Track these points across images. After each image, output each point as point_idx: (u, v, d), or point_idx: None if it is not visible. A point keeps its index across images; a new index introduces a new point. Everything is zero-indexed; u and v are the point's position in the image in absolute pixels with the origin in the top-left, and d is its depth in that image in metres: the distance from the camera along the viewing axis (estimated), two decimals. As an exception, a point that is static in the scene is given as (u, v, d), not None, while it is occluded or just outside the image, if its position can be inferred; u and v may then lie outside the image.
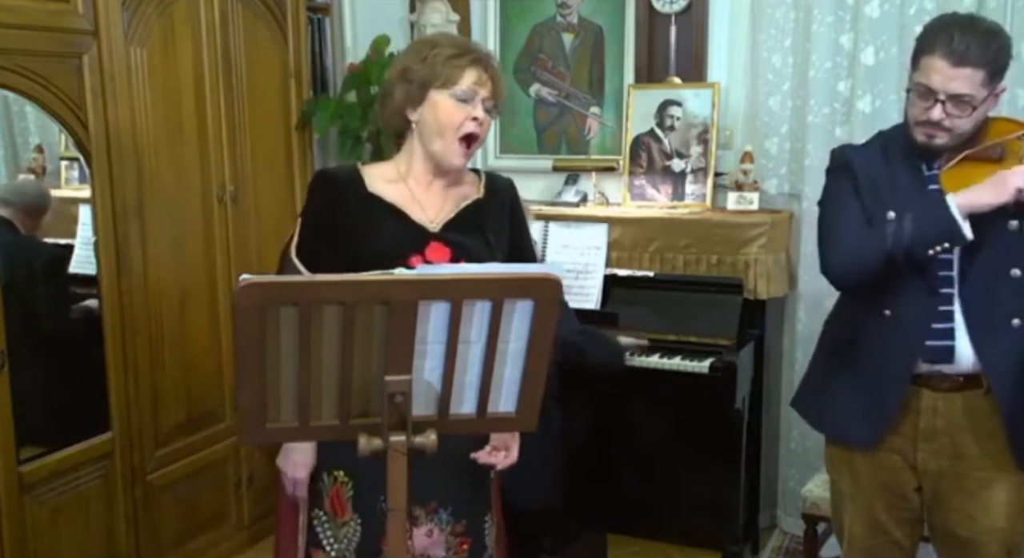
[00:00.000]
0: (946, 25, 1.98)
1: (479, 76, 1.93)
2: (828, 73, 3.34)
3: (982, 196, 1.93)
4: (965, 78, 1.93)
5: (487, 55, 1.98)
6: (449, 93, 1.92)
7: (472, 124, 1.92)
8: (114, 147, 2.82)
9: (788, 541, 3.57)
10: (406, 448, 1.43)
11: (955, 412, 2.07)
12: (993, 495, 2.09)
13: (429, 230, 1.96)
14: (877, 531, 2.21)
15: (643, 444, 3.53)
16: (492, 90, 1.95)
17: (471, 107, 1.92)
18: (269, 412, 1.41)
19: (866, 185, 2.09)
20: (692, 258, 3.37)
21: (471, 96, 1.92)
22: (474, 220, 2.01)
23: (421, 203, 1.99)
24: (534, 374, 1.47)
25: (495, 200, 2.06)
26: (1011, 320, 2.02)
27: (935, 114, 1.97)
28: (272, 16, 3.41)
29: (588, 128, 3.84)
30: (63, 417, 2.85)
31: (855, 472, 2.21)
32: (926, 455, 2.11)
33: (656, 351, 3.25)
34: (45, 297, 2.87)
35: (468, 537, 2.01)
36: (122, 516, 2.94)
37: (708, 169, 3.52)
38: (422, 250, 1.93)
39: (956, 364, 2.04)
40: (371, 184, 1.99)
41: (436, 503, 1.97)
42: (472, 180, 2.08)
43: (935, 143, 2.01)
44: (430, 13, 4.01)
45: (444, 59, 1.93)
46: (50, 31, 2.62)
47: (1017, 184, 1.89)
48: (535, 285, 1.41)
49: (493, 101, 1.96)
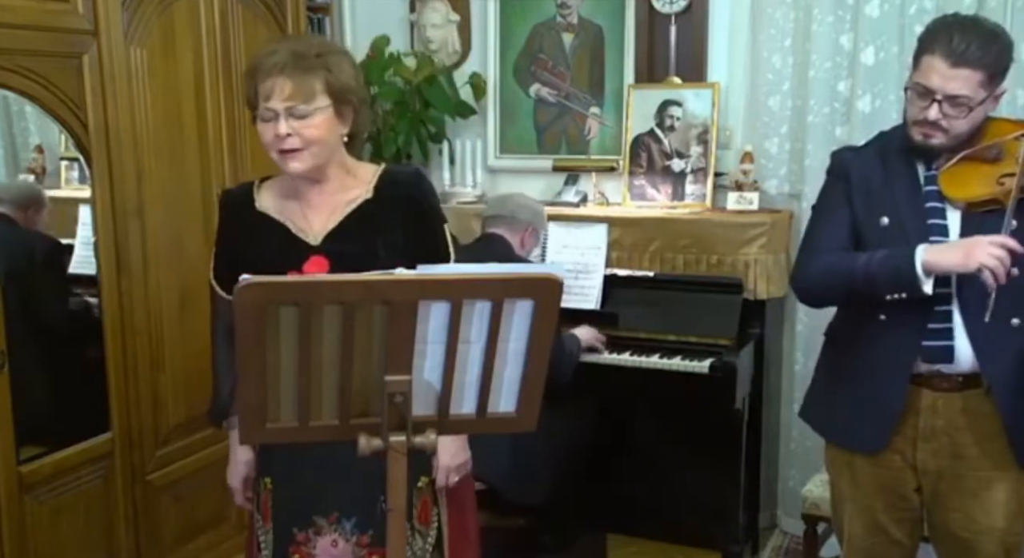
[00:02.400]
0: (947, 25, 1.98)
1: (268, 88, 1.84)
2: (828, 73, 3.34)
3: (948, 259, 1.93)
4: (963, 79, 1.93)
5: (280, 59, 1.84)
6: (257, 116, 1.89)
7: (278, 141, 1.85)
8: (114, 147, 2.82)
9: (788, 541, 3.57)
10: (406, 448, 1.43)
11: (955, 412, 2.07)
12: (992, 495, 2.08)
13: (309, 243, 1.93)
14: (876, 531, 2.21)
15: (643, 444, 3.53)
16: (291, 92, 1.83)
17: (274, 124, 1.85)
18: (269, 412, 1.41)
19: (860, 189, 2.10)
20: (692, 258, 3.37)
21: (269, 115, 1.86)
22: (362, 225, 1.94)
23: (307, 215, 1.95)
24: (534, 374, 1.47)
25: (387, 198, 1.96)
26: (1010, 320, 2.01)
27: (932, 114, 1.97)
28: (272, 16, 3.40)
29: (588, 128, 3.84)
30: (63, 417, 2.85)
31: (855, 472, 2.20)
32: (926, 455, 2.10)
33: (656, 351, 3.25)
34: (45, 288, 2.87)
35: (378, 547, 1.93)
36: (122, 516, 2.94)
37: (708, 169, 3.52)
38: (300, 266, 1.89)
39: (956, 364, 2.03)
40: (261, 201, 1.98)
41: (338, 513, 1.95)
42: (365, 178, 1.98)
43: (931, 143, 2.01)
44: (430, 13, 4.01)
45: (246, 80, 1.90)
46: (50, 31, 2.62)
47: (982, 260, 1.88)
48: (535, 285, 1.41)
49: (301, 101, 1.84)
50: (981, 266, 1.87)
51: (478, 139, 3.94)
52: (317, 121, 1.87)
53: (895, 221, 2.06)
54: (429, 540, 2.04)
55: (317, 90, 1.86)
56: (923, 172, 2.07)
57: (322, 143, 1.89)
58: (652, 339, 3.31)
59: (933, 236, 2.02)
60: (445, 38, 4.02)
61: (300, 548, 1.96)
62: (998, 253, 1.87)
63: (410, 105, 3.83)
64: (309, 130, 1.86)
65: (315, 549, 1.95)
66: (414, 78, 3.83)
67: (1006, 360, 2.02)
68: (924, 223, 2.04)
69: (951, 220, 2.04)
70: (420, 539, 2.02)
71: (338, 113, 1.91)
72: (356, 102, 1.94)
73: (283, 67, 1.84)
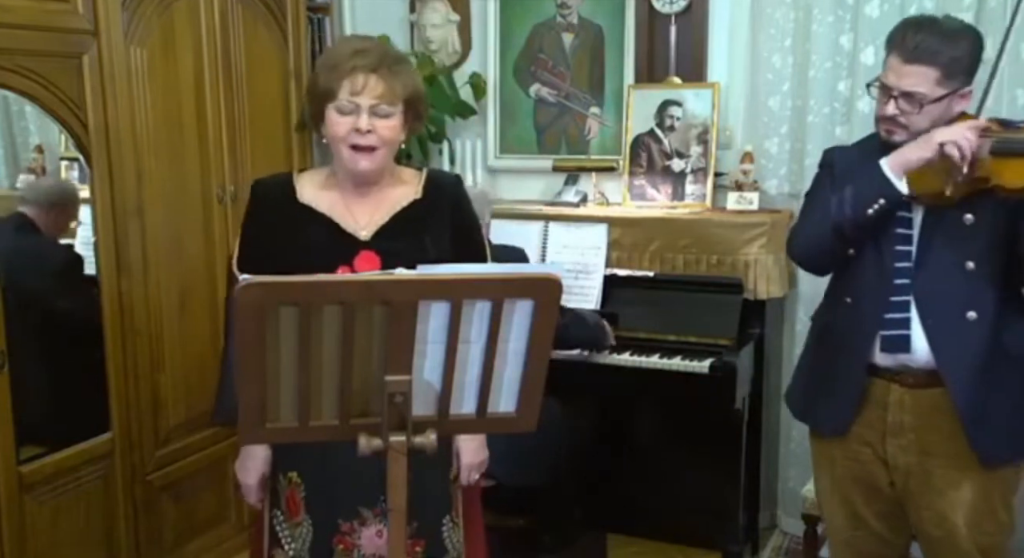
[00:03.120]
0: (904, 25, 2.08)
1: (358, 84, 1.88)
2: (828, 73, 3.34)
3: (909, 152, 2.01)
4: (916, 75, 2.00)
5: (372, 60, 1.89)
6: (333, 106, 1.90)
7: (356, 135, 1.88)
8: (114, 147, 2.82)
9: (788, 541, 3.57)
10: (406, 448, 1.43)
11: (922, 408, 2.10)
12: (960, 495, 2.11)
13: (359, 238, 1.94)
14: (857, 523, 2.26)
15: (643, 444, 3.53)
16: (382, 92, 1.88)
17: (354, 118, 1.88)
18: (269, 412, 1.41)
19: (841, 181, 2.17)
20: (692, 258, 3.37)
21: (350, 107, 1.88)
22: (410, 224, 1.97)
23: (352, 210, 1.97)
24: (534, 374, 1.47)
25: (435, 200, 2.01)
26: (966, 313, 2.04)
27: (888, 110, 2.05)
28: (272, 16, 3.40)
29: (588, 128, 3.84)
30: (63, 417, 2.85)
31: (833, 464, 2.25)
32: (895, 450, 2.14)
33: (656, 351, 3.25)
34: (61, 299, 2.86)
35: (421, 538, 1.98)
36: (122, 516, 2.94)
37: (708, 169, 3.52)
38: (350, 260, 1.90)
39: (914, 356, 2.07)
40: (303, 193, 1.98)
41: (385, 505, 1.94)
42: (412, 180, 2.03)
43: (894, 139, 2.08)
44: (430, 13, 4.01)
45: (326, 72, 1.91)
46: (50, 31, 2.62)
47: (941, 139, 1.95)
48: (535, 285, 1.41)
49: (386, 102, 1.89)
50: (941, 143, 1.94)
51: (478, 139, 3.94)
52: (393, 123, 1.92)
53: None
54: (461, 533, 2.09)
55: (400, 94, 1.91)
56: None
57: (393, 145, 1.94)
58: (652, 339, 3.31)
59: (898, 228, 2.09)
60: (445, 38, 4.02)
61: (345, 538, 1.98)
62: (960, 130, 1.94)
63: (410, 105, 3.83)
64: (386, 131, 1.91)
65: (360, 539, 1.98)
66: (414, 78, 3.82)
67: (962, 355, 2.04)
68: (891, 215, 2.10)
69: (915, 214, 2.10)
70: (458, 532, 2.07)
71: (406, 121, 1.96)
72: (422, 111, 2.01)
73: (376, 66, 1.89)
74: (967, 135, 1.93)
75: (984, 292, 2.04)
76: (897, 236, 2.08)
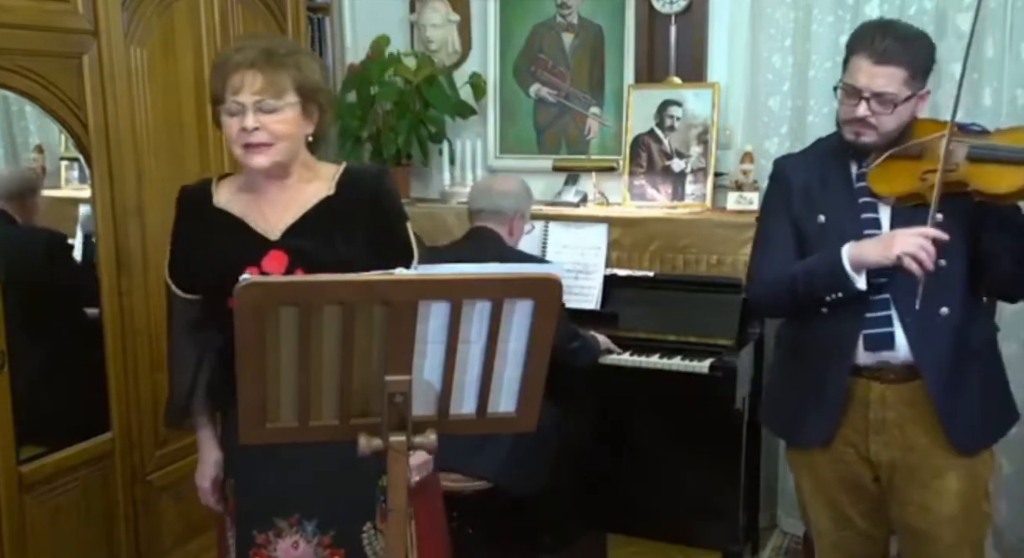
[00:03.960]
0: (869, 28, 2.13)
1: (236, 82, 1.84)
2: (828, 73, 3.34)
3: (869, 252, 2.02)
4: (887, 76, 2.04)
5: (249, 55, 1.85)
6: (222, 109, 1.88)
7: (244, 135, 1.85)
8: (114, 147, 2.82)
9: (788, 541, 3.57)
10: (406, 448, 1.43)
11: (903, 403, 2.12)
12: (946, 484, 2.14)
13: (269, 239, 1.91)
14: (844, 524, 2.27)
15: (643, 444, 3.53)
16: (262, 86, 1.84)
17: (240, 118, 1.85)
18: (269, 412, 1.41)
19: (799, 192, 2.21)
20: (692, 258, 3.38)
21: (236, 108, 1.85)
22: (320, 221, 1.93)
23: (265, 211, 1.94)
24: (534, 374, 1.47)
25: (350, 196, 1.95)
26: (939, 309, 2.08)
27: (860, 111, 2.07)
28: (272, 16, 3.40)
29: (588, 128, 3.84)
30: (63, 417, 2.85)
31: (815, 469, 2.26)
32: (878, 447, 2.15)
33: (656, 351, 3.25)
34: (48, 285, 2.85)
35: (340, 548, 1.95)
36: (122, 516, 2.94)
37: (708, 169, 3.52)
38: (259, 261, 1.88)
39: (897, 352, 2.10)
40: (219, 197, 1.97)
41: (299, 515, 1.94)
42: (327, 176, 1.98)
43: (862, 141, 2.11)
44: (430, 13, 4.01)
45: (212, 77, 1.90)
46: (50, 31, 2.62)
47: (900, 249, 1.96)
48: (535, 285, 1.41)
49: (270, 96, 1.84)
50: (901, 254, 1.96)
51: (478, 139, 3.95)
52: (285, 116, 1.87)
53: (831, 218, 2.16)
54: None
55: (287, 86, 1.87)
56: (855, 171, 2.17)
57: (288, 139, 1.89)
58: (652, 339, 3.30)
59: (867, 229, 2.12)
60: (445, 38, 4.02)
61: (260, 550, 1.95)
62: (918, 242, 1.95)
63: (410, 105, 3.83)
64: (277, 125, 1.86)
65: (276, 551, 1.94)
66: (414, 78, 3.83)
67: (936, 348, 2.09)
68: (858, 218, 2.14)
69: (883, 215, 2.14)
70: (383, 540, 2.00)
71: (305, 112, 1.91)
72: (324, 102, 1.95)
73: (253, 62, 1.84)
74: (924, 246, 1.95)
75: (954, 289, 2.09)
76: (866, 237, 2.10)
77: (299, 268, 1.87)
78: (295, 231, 1.92)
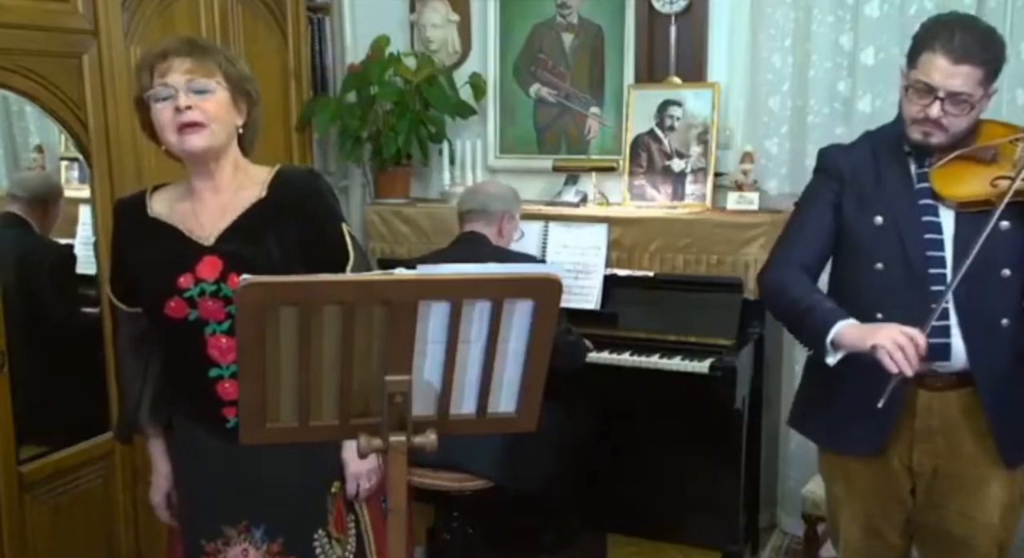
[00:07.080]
0: (947, 23, 1.99)
1: (163, 67, 1.83)
2: (828, 73, 3.34)
3: (850, 335, 1.91)
4: (964, 76, 1.94)
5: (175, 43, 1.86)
6: (151, 97, 1.86)
7: (178, 115, 1.82)
8: (114, 147, 2.82)
9: (788, 541, 3.57)
10: (406, 448, 1.43)
11: (951, 411, 2.07)
12: (989, 491, 2.10)
13: (203, 245, 1.89)
14: (873, 534, 2.22)
15: (643, 444, 3.53)
16: (191, 66, 1.83)
17: (172, 100, 1.83)
18: (269, 412, 1.41)
19: (852, 188, 2.10)
20: (692, 258, 3.37)
21: (167, 92, 1.83)
22: (253, 224, 1.90)
23: (200, 217, 1.92)
24: (534, 374, 1.47)
25: (280, 198, 1.93)
26: (1000, 320, 2.03)
27: (934, 111, 1.97)
28: (272, 16, 3.41)
29: (588, 128, 3.84)
30: (63, 417, 2.85)
31: (851, 478, 2.21)
32: (922, 455, 2.10)
33: (656, 351, 3.25)
34: (53, 297, 2.86)
35: (291, 555, 1.93)
36: (122, 516, 2.94)
37: (708, 169, 3.52)
38: (193, 267, 1.86)
39: (951, 362, 2.04)
40: (153, 207, 1.95)
41: (247, 522, 1.92)
42: (259, 179, 1.95)
43: (931, 141, 2.01)
44: (430, 13, 4.01)
45: (137, 73, 1.90)
46: (50, 31, 2.62)
47: (875, 340, 1.85)
48: (535, 285, 1.41)
49: (200, 75, 1.84)
50: (875, 346, 1.84)
51: (478, 139, 3.94)
52: (217, 98, 1.86)
53: (889, 220, 2.06)
54: (349, 548, 2.01)
55: (215, 70, 1.86)
56: (915, 170, 2.08)
57: (221, 122, 1.87)
58: (652, 339, 3.31)
59: (928, 234, 2.03)
60: (445, 38, 4.02)
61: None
62: (901, 341, 1.83)
63: (410, 105, 3.83)
64: (208, 104, 1.84)
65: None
66: (414, 78, 3.82)
67: (994, 359, 2.04)
68: (918, 221, 2.04)
69: (944, 218, 2.05)
70: (339, 547, 1.99)
71: (235, 101, 1.90)
72: (254, 95, 1.95)
73: (179, 49, 1.85)
74: (904, 346, 1.83)
75: (1017, 300, 2.02)
76: (927, 242, 2.03)
77: (233, 273, 1.83)
78: (229, 236, 1.89)
